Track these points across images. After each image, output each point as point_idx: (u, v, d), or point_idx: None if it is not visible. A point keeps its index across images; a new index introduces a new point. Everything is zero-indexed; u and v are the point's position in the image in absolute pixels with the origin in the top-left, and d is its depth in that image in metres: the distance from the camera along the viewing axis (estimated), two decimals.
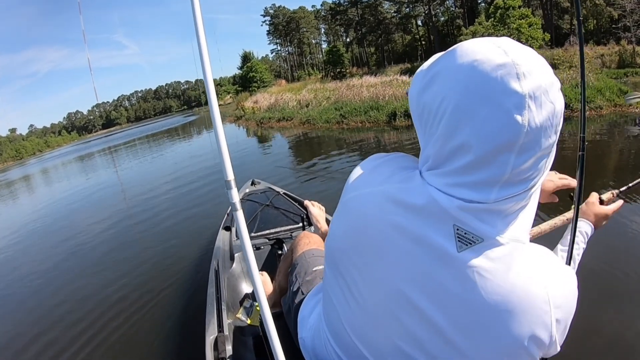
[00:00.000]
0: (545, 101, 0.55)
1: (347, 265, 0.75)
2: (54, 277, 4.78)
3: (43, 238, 7.05)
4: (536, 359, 0.66)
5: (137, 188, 9.63)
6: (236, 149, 11.34)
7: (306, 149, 9.54)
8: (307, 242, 1.64)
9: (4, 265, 5.94)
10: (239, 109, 24.90)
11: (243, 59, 46.86)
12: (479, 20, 21.24)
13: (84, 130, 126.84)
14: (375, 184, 0.73)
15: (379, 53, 41.69)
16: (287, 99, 18.39)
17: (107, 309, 3.48)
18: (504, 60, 0.55)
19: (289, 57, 57.65)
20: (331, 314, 0.87)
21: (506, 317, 0.62)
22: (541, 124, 0.55)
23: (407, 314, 0.69)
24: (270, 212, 3.08)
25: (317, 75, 42.85)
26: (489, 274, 0.62)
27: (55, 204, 10.22)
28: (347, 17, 42.30)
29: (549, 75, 0.57)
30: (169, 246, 4.84)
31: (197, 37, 0.88)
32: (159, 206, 7.07)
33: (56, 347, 3.07)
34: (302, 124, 13.76)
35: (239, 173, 6.64)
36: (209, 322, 1.80)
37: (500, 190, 0.59)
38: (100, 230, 6.40)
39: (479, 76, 0.56)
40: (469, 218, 0.62)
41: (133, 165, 16.01)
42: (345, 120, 11.73)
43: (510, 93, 0.54)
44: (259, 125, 17.32)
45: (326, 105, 14.40)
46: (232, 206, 0.93)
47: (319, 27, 55.72)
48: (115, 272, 4.36)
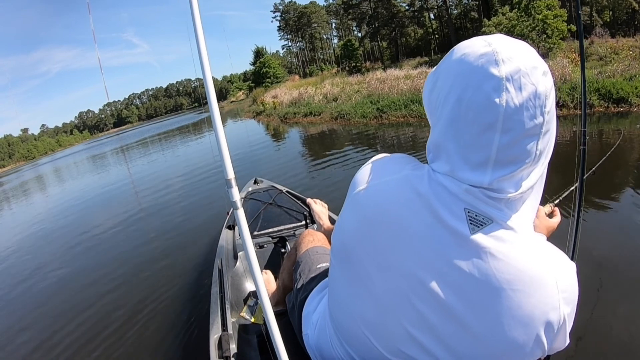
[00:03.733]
0: (526, 83, 0.60)
1: (360, 256, 0.77)
2: (55, 277, 4.83)
3: (45, 240, 7.03)
4: (545, 345, 0.68)
5: (147, 187, 9.62)
6: (264, 148, 10.75)
7: (351, 147, 8.47)
8: (311, 239, 1.65)
9: (10, 266, 5.96)
10: (257, 104, 24.66)
11: (256, 55, 46.80)
12: (502, 11, 20.83)
13: (95, 129, 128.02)
14: (387, 174, 0.77)
15: (393, 47, 41.25)
16: (312, 93, 17.81)
17: (111, 308, 3.52)
18: (486, 50, 0.62)
19: (301, 53, 57.39)
20: (338, 308, 0.89)
21: (518, 297, 0.65)
22: (521, 104, 0.60)
23: (420, 299, 0.71)
24: (273, 210, 3.07)
25: (331, 70, 42.52)
26: (501, 254, 0.66)
27: (56, 209, 10.09)
28: (360, 10, 41.89)
29: (531, 61, 0.61)
30: (174, 245, 4.86)
31: (195, 37, 0.89)
32: (167, 204, 7.13)
33: (57, 345, 3.11)
34: (334, 119, 12.95)
35: (280, 176, 6.58)
36: (213, 321, 1.80)
37: (493, 172, 0.65)
38: (106, 229, 6.43)
39: (465, 66, 0.63)
40: (477, 202, 0.67)
41: (144, 163, 15.98)
42: (385, 115, 10.99)
43: (489, 77, 0.60)
44: (283, 121, 16.56)
45: (358, 99, 13.79)
46: (233, 205, 0.94)
47: (330, 21, 55.39)
48: (120, 272, 4.39)
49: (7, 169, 70.98)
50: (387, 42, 42.09)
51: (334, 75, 30.52)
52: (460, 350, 0.71)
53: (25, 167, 57.22)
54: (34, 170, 37.85)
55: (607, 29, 21.79)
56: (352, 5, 42.67)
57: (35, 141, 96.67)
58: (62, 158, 46.71)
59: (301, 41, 56.03)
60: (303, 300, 1.25)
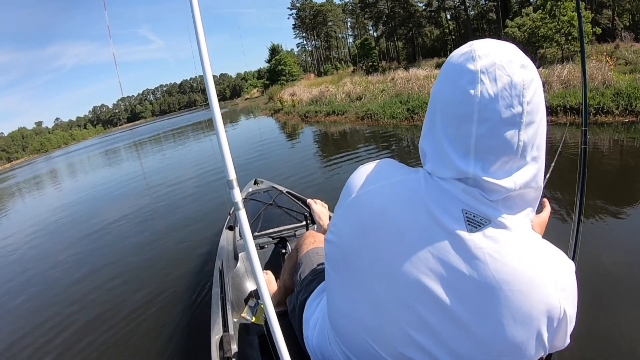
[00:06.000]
0: (501, 75, 0.62)
1: (358, 262, 0.77)
2: (57, 276, 4.85)
3: (43, 241, 7.02)
4: (546, 344, 0.68)
5: (156, 185, 9.67)
6: (289, 150, 10.26)
7: (384, 149, 7.98)
8: (312, 241, 1.65)
9: (9, 265, 6.02)
10: (274, 101, 24.55)
11: (271, 52, 46.85)
12: (525, 12, 20.58)
13: (109, 123, 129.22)
14: (382, 179, 0.78)
15: (409, 47, 41.01)
16: (334, 92, 17.44)
17: (112, 308, 3.52)
18: (466, 50, 0.66)
19: (315, 51, 57.36)
20: (336, 314, 0.88)
21: (517, 297, 0.65)
22: (496, 94, 0.62)
23: (420, 301, 0.71)
24: (274, 211, 3.08)
25: (346, 69, 42.41)
26: (499, 255, 0.66)
27: (59, 208, 10.12)
28: (377, 9, 41.70)
29: (508, 55, 0.64)
30: (175, 245, 4.86)
31: (196, 36, 0.88)
32: (169, 204, 7.13)
33: (57, 345, 3.12)
34: (360, 119, 12.39)
35: (308, 182, 6.42)
36: (214, 321, 1.81)
37: (476, 162, 0.66)
38: (107, 229, 6.47)
39: (447, 67, 0.69)
40: (475, 202, 0.68)
41: (155, 159, 16.04)
42: (417, 116, 10.30)
43: (465, 72, 0.64)
44: (304, 120, 16.09)
45: (385, 98, 13.41)
46: (235, 205, 0.94)
47: (345, 20, 55.26)
48: (121, 273, 4.40)
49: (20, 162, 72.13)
50: (403, 42, 41.88)
51: (351, 74, 30.38)
52: (461, 352, 0.70)
53: (39, 159, 58.02)
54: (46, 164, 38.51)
55: (632, 33, 21.45)
56: (368, 4, 42.47)
57: (49, 134, 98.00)
58: (75, 152, 47.42)
59: (316, 39, 55.96)
60: (303, 301, 1.26)
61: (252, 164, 8.89)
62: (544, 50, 17.78)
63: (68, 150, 64.65)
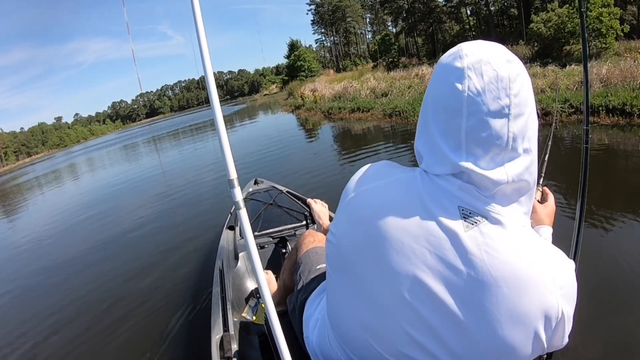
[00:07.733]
0: (487, 69, 0.65)
1: (358, 262, 0.78)
2: (61, 277, 4.86)
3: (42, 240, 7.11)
4: (544, 342, 0.69)
5: (160, 185, 9.77)
6: (323, 150, 9.45)
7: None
8: (312, 240, 1.65)
9: (10, 260, 6.26)
10: (294, 97, 24.19)
11: (290, 48, 46.81)
12: (551, 7, 20.24)
13: (128, 119, 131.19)
14: (379, 178, 0.80)
15: (429, 43, 40.65)
16: (358, 88, 17.04)
17: (112, 307, 3.53)
18: (455, 50, 0.70)
19: (334, 47, 57.24)
20: (336, 313, 0.89)
21: (515, 294, 0.66)
22: (482, 87, 0.65)
23: (419, 300, 0.71)
24: (274, 210, 3.10)
25: (366, 65, 42.24)
26: (496, 252, 0.67)
27: (66, 206, 10.26)
28: (397, 5, 41.40)
29: (494, 52, 0.67)
30: (175, 245, 4.88)
31: (197, 34, 0.88)
32: (172, 205, 7.17)
33: (57, 343, 3.14)
34: (388, 116, 11.82)
35: None
36: (215, 321, 1.81)
37: (467, 155, 0.68)
38: (109, 228, 6.54)
39: (437, 68, 0.73)
40: (471, 199, 0.70)
41: (170, 155, 16.16)
42: None
43: (453, 70, 0.68)
44: (327, 116, 15.53)
45: (412, 95, 13.03)
46: (236, 205, 0.94)
47: (364, 16, 54.96)
48: (121, 272, 4.41)
49: (40, 156, 73.56)
50: (423, 38, 41.52)
51: (372, 70, 30.19)
52: (460, 350, 0.71)
53: (58, 154, 58.84)
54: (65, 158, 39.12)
55: None
56: None
57: (68, 129, 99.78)
58: (94, 146, 48.00)
59: (335, 35, 55.83)
60: (303, 301, 1.26)
61: (273, 163, 8.91)
62: (570, 47, 17.40)
63: (87, 145, 65.50)
